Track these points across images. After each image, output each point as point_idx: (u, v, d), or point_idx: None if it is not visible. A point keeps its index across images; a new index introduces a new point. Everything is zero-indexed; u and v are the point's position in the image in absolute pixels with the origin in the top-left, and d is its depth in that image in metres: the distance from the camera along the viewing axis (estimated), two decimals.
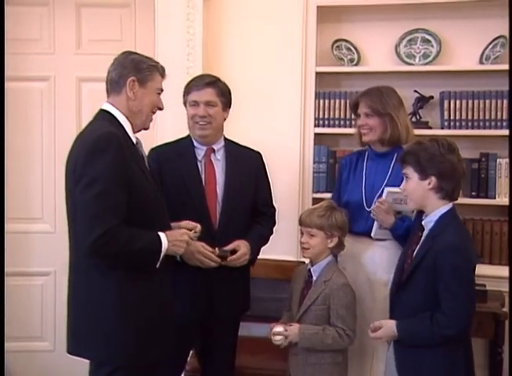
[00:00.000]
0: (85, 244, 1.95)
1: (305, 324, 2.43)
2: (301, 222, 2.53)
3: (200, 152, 2.61)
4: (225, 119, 2.64)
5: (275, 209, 2.77)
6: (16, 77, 3.35)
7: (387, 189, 2.57)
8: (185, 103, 2.62)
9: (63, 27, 3.44)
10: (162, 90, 2.25)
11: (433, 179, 2.19)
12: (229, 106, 2.64)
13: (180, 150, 2.63)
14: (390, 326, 2.23)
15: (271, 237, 2.74)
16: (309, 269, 2.52)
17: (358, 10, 3.36)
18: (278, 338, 2.44)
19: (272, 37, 3.33)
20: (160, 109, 2.27)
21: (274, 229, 2.75)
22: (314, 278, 2.49)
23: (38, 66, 3.44)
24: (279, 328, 2.44)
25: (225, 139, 2.68)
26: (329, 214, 2.48)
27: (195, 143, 2.62)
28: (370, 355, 2.61)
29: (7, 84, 3.23)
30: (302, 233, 2.55)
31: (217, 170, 2.60)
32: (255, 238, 2.61)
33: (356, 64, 3.37)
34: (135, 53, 2.23)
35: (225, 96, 2.59)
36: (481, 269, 3.00)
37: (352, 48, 3.37)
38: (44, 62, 3.44)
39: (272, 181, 2.76)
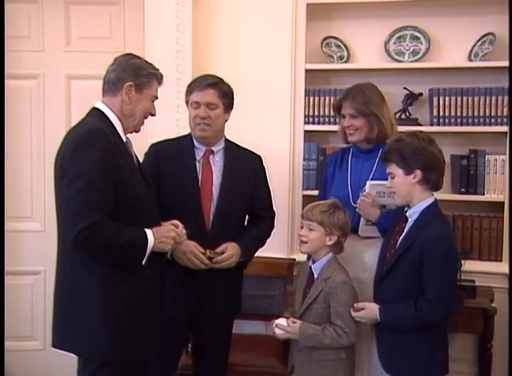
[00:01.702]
0: (69, 237, 1.96)
1: (306, 323, 2.42)
2: (303, 215, 2.52)
3: (200, 152, 2.60)
4: (226, 120, 2.62)
5: (274, 213, 2.76)
6: (5, 75, 3.33)
7: (369, 183, 2.59)
8: (187, 103, 2.61)
9: (52, 24, 3.42)
10: (157, 98, 2.27)
11: (418, 172, 2.23)
12: (231, 108, 2.62)
13: (180, 148, 2.62)
14: (372, 309, 2.28)
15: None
16: (310, 267, 2.51)
17: (348, 7, 3.36)
18: (279, 331, 2.45)
19: (261, 34, 3.33)
20: (153, 115, 2.28)
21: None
22: (315, 276, 2.48)
23: (27, 64, 3.42)
24: (282, 321, 2.45)
25: (227, 140, 2.67)
26: (332, 211, 2.46)
27: (195, 143, 2.61)
28: (364, 352, 2.60)
29: None
30: (302, 227, 2.54)
31: (214, 171, 2.59)
32: (248, 241, 2.60)
33: (346, 61, 3.38)
34: (138, 57, 2.23)
35: (227, 98, 2.57)
36: (471, 265, 3.04)
37: (342, 45, 3.38)
38: (33, 59, 3.42)
39: None
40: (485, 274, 3.14)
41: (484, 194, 3.23)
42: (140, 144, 2.82)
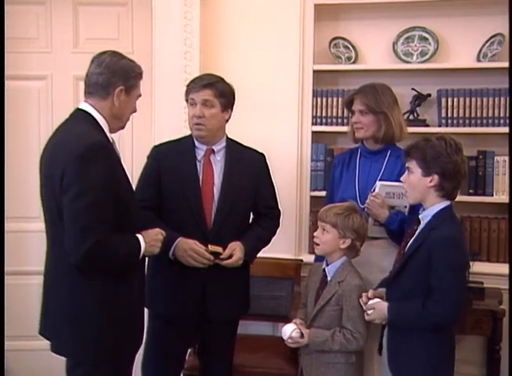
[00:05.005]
0: (78, 254, 1.96)
1: (315, 330, 2.42)
2: (319, 217, 2.50)
3: (200, 152, 2.60)
4: (226, 120, 2.62)
5: (279, 211, 2.75)
6: (14, 76, 3.34)
7: (379, 183, 2.60)
8: (187, 101, 2.62)
9: (60, 25, 3.43)
10: (140, 95, 2.27)
11: (435, 177, 2.20)
12: (231, 107, 2.60)
13: (181, 148, 2.63)
14: (382, 308, 2.27)
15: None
16: (324, 269, 2.50)
17: (356, 8, 3.36)
18: (290, 340, 2.44)
19: (269, 35, 3.33)
20: (134, 111, 2.29)
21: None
22: (329, 278, 2.46)
23: (35, 65, 3.43)
24: (296, 333, 2.42)
25: (229, 139, 2.66)
26: (347, 214, 2.43)
27: (196, 143, 2.61)
28: (373, 356, 2.58)
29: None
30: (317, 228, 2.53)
31: (215, 171, 2.59)
32: (252, 240, 2.60)
33: (354, 62, 3.37)
34: (123, 57, 2.20)
35: (224, 97, 2.56)
36: (479, 267, 3.02)
37: (350, 46, 3.37)
38: (41, 61, 3.43)
39: None
40: (494, 276, 3.12)
41: (492, 195, 3.21)
42: (147, 145, 2.84)
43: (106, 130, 2.16)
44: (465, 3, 3.24)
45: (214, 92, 2.53)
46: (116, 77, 2.14)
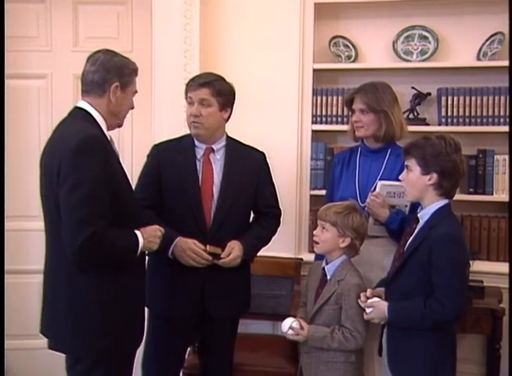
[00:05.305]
0: (74, 246, 1.96)
1: (314, 326, 2.42)
2: (318, 215, 2.50)
3: (200, 151, 2.60)
4: (226, 120, 2.61)
5: (280, 210, 2.75)
6: (13, 75, 3.34)
7: (380, 183, 2.60)
8: (186, 100, 2.62)
9: (60, 24, 3.43)
10: (137, 91, 2.29)
11: (434, 176, 2.21)
12: (230, 107, 2.59)
13: (181, 147, 2.63)
14: (381, 307, 2.27)
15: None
16: (324, 268, 2.49)
17: (356, 7, 3.36)
18: (291, 332, 2.43)
19: (269, 34, 3.33)
20: (132, 108, 2.30)
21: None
22: (328, 277, 2.46)
23: (35, 64, 3.44)
24: (296, 325, 2.42)
25: (229, 138, 2.66)
26: (346, 213, 2.43)
27: (196, 142, 2.61)
28: (373, 355, 2.59)
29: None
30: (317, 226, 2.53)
31: (215, 170, 2.59)
32: (251, 239, 2.60)
33: (353, 61, 3.37)
34: (116, 54, 2.22)
35: (222, 96, 2.54)
36: (479, 266, 3.02)
37: (350, 44, 3.37)
38: (41, 59, 3.44)
39: None
40: (494, 275, 3.13)
41: (492, 194, 3.21)
42: (147, 144, 2.84)
43: (104, 127, 2.18)
44: (465, 2, 3.24)
45: (212, 90, 2.52)
46: (110, 74, 2.16)
